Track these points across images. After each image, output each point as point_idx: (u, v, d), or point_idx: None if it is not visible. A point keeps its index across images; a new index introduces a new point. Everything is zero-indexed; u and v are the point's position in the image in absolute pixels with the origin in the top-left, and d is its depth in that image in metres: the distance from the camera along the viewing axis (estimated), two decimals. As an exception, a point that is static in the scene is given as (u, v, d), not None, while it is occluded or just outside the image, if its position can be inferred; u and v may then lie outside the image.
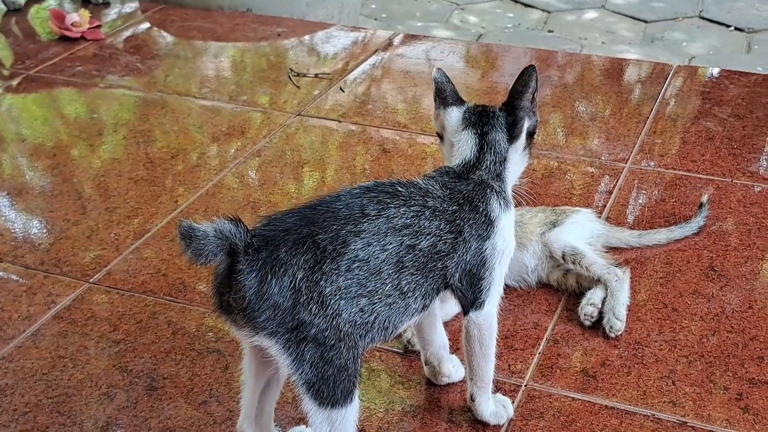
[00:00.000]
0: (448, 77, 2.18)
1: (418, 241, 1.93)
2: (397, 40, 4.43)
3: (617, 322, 2.50)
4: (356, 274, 1.84)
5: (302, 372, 1.83)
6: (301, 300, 1.80)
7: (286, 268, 1.79)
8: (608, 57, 4.46)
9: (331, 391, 1.85)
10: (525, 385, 2.36)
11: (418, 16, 6.33)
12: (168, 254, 2.87)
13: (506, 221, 2.09)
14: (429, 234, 1.95)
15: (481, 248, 2.03)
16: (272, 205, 3.10)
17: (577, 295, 2.64)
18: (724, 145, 3.40)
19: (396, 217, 1.91)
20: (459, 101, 2.16)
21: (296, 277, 1.79)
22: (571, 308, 2.61)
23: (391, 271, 1.89)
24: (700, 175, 3.21)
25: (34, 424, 2.27)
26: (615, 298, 2.54)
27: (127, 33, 4.56)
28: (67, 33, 4.43)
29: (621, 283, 2.57)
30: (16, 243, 2.96)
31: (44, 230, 3.03)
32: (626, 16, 6.27)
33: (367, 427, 2.23)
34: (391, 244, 1.89)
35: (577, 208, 2.87)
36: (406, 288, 1.92)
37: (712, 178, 3.20)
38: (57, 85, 4.06)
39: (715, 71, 4.15)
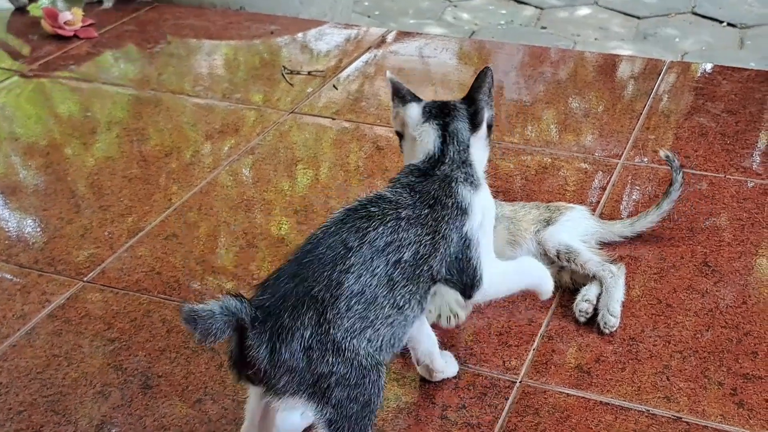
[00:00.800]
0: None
1: (401, 254, 1.94)
2: (390, 38, 4.42)
3: (612, 318, 2.50)
4: (356, 310, 1.86)
5: (325, 413, 1.86)
6: (315, 356, 1.82)
7: (293, 332, 1.81)
8: (601, 53, 4.47)
9: (352, 427, 1.88)
10: (520, 382, 2.36)
11: (411, 14, 6.33)
12: (162, 252, 2.87)
13: (480, 198, 2.10)
14: (410, 243, 1.96)
15: (462, 234, 2.04)
16: (266, 203, 3.10)
17: (572, 291, 2.63)
18: (717, 141, 3.40)
19: (377, 239, 1.92)
20: (416, 98, 2.18)
21: (304, 336, 1.81)
22: (565, 304, 2.61)
23: (385, 293, 1.90)
24: (693, 171, 3.22)
25: (29, 423, 2.26)
26: (610, 294, 2.54)
27: (121, 31, 4.54)
28: (60, 31, 4.41)
29: (616, 279, 2.57)
30: (9, 242, 2.95)
31: (38, 229, 3.02)
32: (619, 12, 6.28)
33: (362, 425, 2.23)
34: (378, 267, 1.90)
35: (571, 204, 2.87)
36: (401, 302, 1.93)
37: (706, 173, 3.20)
38: (50, 83, 4.05)
39: (708, 67, 4.16)
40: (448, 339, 2.48)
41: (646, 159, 3.30)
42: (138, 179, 3.26)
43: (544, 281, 2.28)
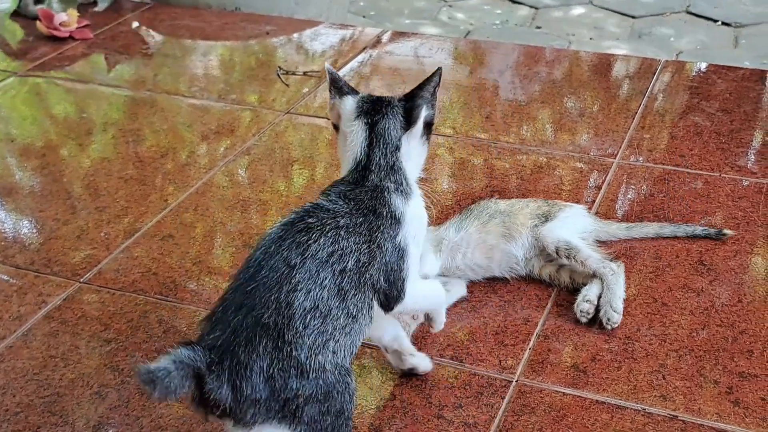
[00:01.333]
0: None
1: (345, 263, 1.93)
2: (385, 38, 4.43)
3: (614, 314, 2.51)
4: (314, 325, 1.85)
5: (300, 431, 1.85)
6: (277, 385, 1.81)
7: (251, 367, 1.80)
8: (596, 53, 4.48)
9: None
10: (516, 381, 2.36)
11: (407, 14, 6.34)
12: (158, 253, 2.87)
13: (412, 209, 2.10)
14: (351, 251, 1.95)
15: (395, 244, 2.04)
16: (262, 203, 3.10)
17: (570, 291, 2.64)
18: (712, 140, 3.41)
19: (319, 251, 1.91)
20: (354, 91, 2.17)
21: (263, 368, 1.80)
22: (561, 303, 2.61)
23: (337, 303, 1.90)
24: (688, 170, 3.22)
25: (26, 424, 2.26)
26: (612, 291, 2.54)
27: (116, 32, 4.55)
28: (55, 33, 4.41)
29: (617, 276, 2.57)
30: (6, 243, 2.96)
31: (34, 230, 3.02)
32: (614, 11, 6.28)
33: (359, 424, 2.24)
34: (326, 278, 1.89)
35: (568, 203, 2.88)
36: (354, 311, 1.93)
37: (701, 172, 3.21)
38: (46, 84, 4.05)
39: (703, 66, 4.16)
40: (444, 338, 2.48)
41: (641, 158, 3.31)
42: (134, 180, 3.26)
43: (443, 311, 2.34)
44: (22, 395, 2.35)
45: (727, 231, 2.85)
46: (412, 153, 2.14)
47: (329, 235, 1.94)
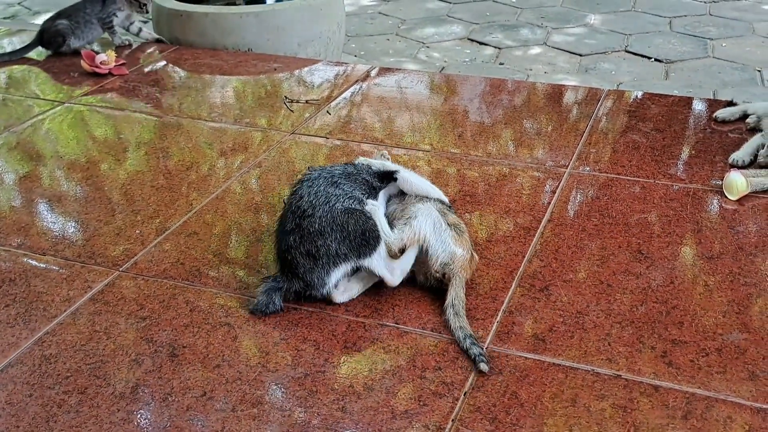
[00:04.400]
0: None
1: None
2: (373, 73, 4.45)
3: None
4: None
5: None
6: None
7: None
8: (550, 84, 4.50)
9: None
10: (486, 348, 2.37)
11: (391, 53, 6.36)
12: (185, 247, 2.88)
13: None
14: None
15: None
16: (271, 206, 3.11)
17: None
18: (647, 153, 3.43)
19: None
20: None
21: None
22: (522, 285, 2.63)
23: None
24: (628, 177, 3.24)
25: (75, 386, 2.27)
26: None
27: (148, 69, 4.56)
28: (97, 70, 4.42)
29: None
30: (57, 240, 2.96)
31: (80, 229, 3.03)
32: (564, 50, 6.32)
33: (354, 384, 2.25)
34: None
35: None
36: None
37: (638, 179, 3.23)
38: (89, 112, 4.05)
39: (639, 94, 4.19)
40: (426, 315, 2.49)
41: (588, 168, 3.33)
42: (163, 188, 3.27)
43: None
44: (72, 362, 2.35)
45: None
46: None
47: None
